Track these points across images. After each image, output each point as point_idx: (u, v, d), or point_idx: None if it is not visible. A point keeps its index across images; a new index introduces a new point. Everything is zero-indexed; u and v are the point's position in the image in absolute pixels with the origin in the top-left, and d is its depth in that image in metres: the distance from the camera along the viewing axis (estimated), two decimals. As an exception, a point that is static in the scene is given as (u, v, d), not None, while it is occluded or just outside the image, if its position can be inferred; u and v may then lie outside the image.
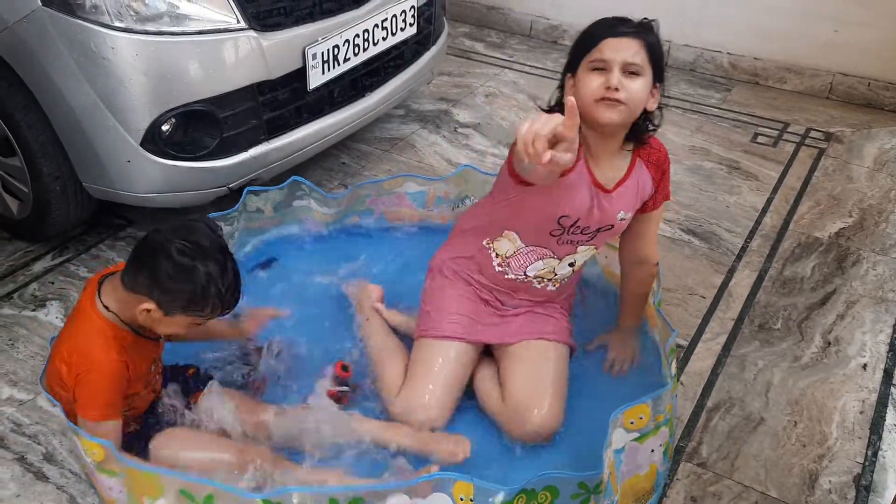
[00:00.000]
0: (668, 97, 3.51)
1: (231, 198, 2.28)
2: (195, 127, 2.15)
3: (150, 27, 2.00)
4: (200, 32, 2.06)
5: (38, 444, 1.80)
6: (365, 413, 1.82)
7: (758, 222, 2.68)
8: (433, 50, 2.94)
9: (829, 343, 2.17)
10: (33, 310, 2.19)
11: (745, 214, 2.72)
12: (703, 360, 2.10)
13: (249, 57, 2.14)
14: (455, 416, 1.83)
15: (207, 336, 1.85)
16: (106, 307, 1.56)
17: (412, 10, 2.65)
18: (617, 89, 1.61)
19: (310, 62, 2.30)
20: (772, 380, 2.04)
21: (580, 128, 1.67)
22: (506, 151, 2.89)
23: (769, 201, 2.80)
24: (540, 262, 1.85)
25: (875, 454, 1.84)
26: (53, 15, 1.96)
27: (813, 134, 3.27)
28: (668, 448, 1.72)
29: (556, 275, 1.88)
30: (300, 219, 2.38)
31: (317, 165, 2.82)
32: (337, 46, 2.37)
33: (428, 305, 1.94)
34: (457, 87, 3.57)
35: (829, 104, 3.54)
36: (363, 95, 2.58)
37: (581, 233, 1.78)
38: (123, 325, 1.57)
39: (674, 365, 1.74)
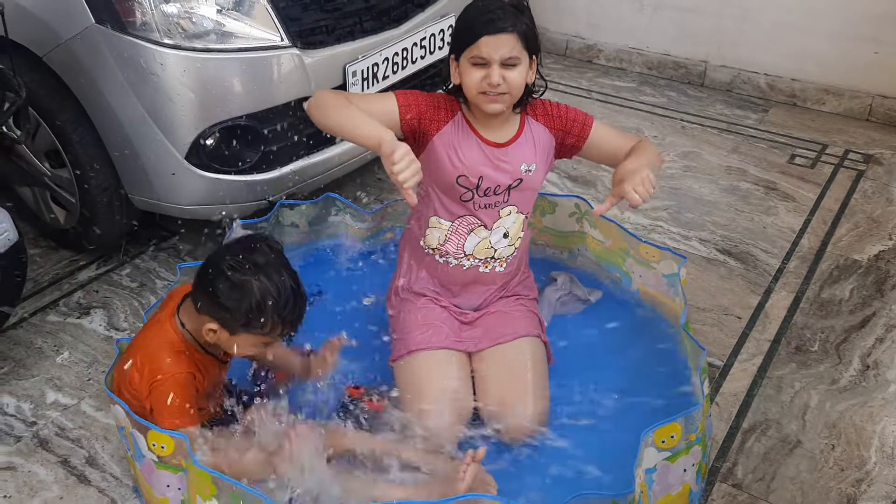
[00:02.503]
0: (704, 117, 3.52)
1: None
2: (238, 141, 2.20)
3: (198, 44, 2.06)
4: (246, 50, 2.12)
5: (81, 447, 1.85)
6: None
7: (795, 244, 2.66)
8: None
9: (868, 366, 2.14)
10: (78, 317, 2.25)
11: (782, 235, 2.70)
12: (738, 380, 2.09)
13: (292, 74, 2.19)
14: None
15: (284, 368, 1.87)
16: (182, 324, 1.62)
17: (450, 28, 2.68)
18: (498, 84, 1.71)
19: (350, 79, 2.34)
20: (809, 402, 2.02)
21: (467, 102, 1.82)
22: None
23: (807, 223, 2.78)
24: (473, 234, 1.89)
25: (915, 480, 1.82)
26: (105, 32, 2.03)
27: (852, 156, 3.23)
28: (703, 468, 1.71)
29: (494, 249, 1.91)
30: (335, 234, 2.42)
31: (353, 181, 2.85)
32: (377, 64, 2.42)
33: (395, 333, 1.95)
34: (492, 106, 3.59)
35: (868, 126, 3.50)
36: (401, 112, 2.62)
37: (494, 193, 1.85)
38: (194, 342, 1.63)
39: (706, 384, 1.74)
